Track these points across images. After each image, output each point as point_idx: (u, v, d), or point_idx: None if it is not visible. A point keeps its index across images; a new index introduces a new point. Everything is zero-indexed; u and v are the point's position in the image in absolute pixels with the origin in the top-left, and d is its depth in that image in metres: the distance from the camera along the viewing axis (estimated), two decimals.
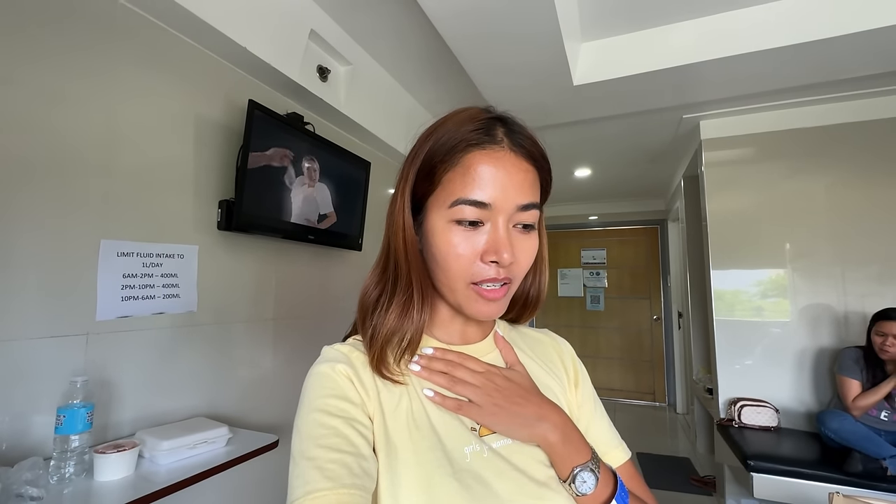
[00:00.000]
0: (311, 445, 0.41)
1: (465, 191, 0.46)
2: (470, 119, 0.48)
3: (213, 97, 1.51)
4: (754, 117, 2.48)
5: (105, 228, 1.17)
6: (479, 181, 0.46)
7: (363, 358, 0.49)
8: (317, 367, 0.48)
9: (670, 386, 4.64)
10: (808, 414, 2.28)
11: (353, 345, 0.51)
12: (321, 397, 0.45)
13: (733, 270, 2.50)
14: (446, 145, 0.47)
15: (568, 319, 5.17)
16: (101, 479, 0.93)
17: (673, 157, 3.32)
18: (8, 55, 1.00)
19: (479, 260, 0.47)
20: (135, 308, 1.22)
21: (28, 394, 1.00)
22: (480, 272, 0.47)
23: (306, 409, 0.45)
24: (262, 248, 1.69)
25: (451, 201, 0.46)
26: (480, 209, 0.46)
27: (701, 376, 3.15)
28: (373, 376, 0.48)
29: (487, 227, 0.47)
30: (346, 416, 0.44)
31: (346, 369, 0.47)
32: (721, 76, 2.01)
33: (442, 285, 0.50)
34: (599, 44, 2.00)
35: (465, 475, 0.43)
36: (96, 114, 1.17)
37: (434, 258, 0.49)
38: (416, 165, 0.49)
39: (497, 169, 0.46)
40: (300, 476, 0.40)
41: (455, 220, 0.46)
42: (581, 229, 5.22)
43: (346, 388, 0.46)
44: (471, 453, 0.46)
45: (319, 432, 0.42)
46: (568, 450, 0.47)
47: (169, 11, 1.28)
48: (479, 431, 0.48)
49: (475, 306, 0.48)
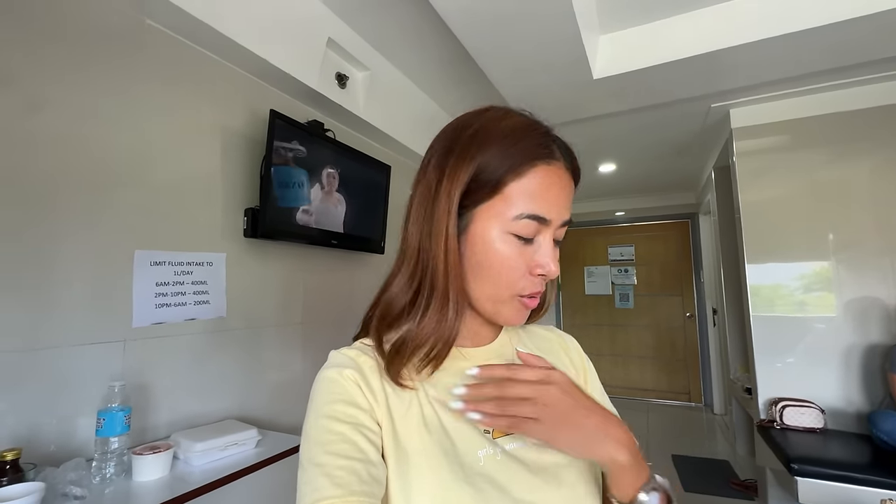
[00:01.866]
0: (319, 452, 0.41)
1: (533, 206, 0.46)
2: (528, 130, 0.48)
3: (237, 108, 1.56)
4: (788, 103, 2.36)
5: (138, 239, 1.23)
6: (546, 197, 0.46)
7: (371, 362, 0.48)
8: (324, 372, 0.47)
9: (706, 385, 4.47)
10: (858, 415, 2.14)
11: (361, 349, 0.50)
12: (329, 403, 0.44)
13: (771, 264, 2.39)
14: (513, 155, 0.46)
15: (596, 318, 5.06)
16: (139, 479, 0.97)
17: (702, 149, 3.20)
18: (47, 77, 1.07)
19: (528, 273, 0.47)
20: (168, 315, 1.27)
21: (72, 398, 1.06)
22: (528, 286, 0.47)
23: (314, 415, 0.44)
24: (288, 253, 1.73)
25: (516, 214, 0.45)
26: (540, 224, 0.46)
27: (739, 375, 3.02)
28: (381, 381, 0.47)
29: (538, 240, 0.47)
30: (355, 422, 0.43)
31: (355, 374, 0.46)
32: (751, 62, 1.92)
33: (483, 295, 0.48)
34: (619, 35, 1.95)
35: (479, 479, 0.43)
36: (127, 130, 1.23)
37: (481, 267, 0.47)
38: (469, 168, 0.46)
39: (555, 185, 0.47)
40: (309, 482, 0.39)
41: (513, 233, 0.46)
42: (607, 226, 5.10)
43: (354, 393, 0.45)
44: (484, 457, 0.45)
45: (328, 438, 0.42)
46: (636, 471, 0.42)
47: (193, 28, 1.34)
48: (492, 434, 0.47)
49: (513, 313, 0.49)
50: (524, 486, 0.44)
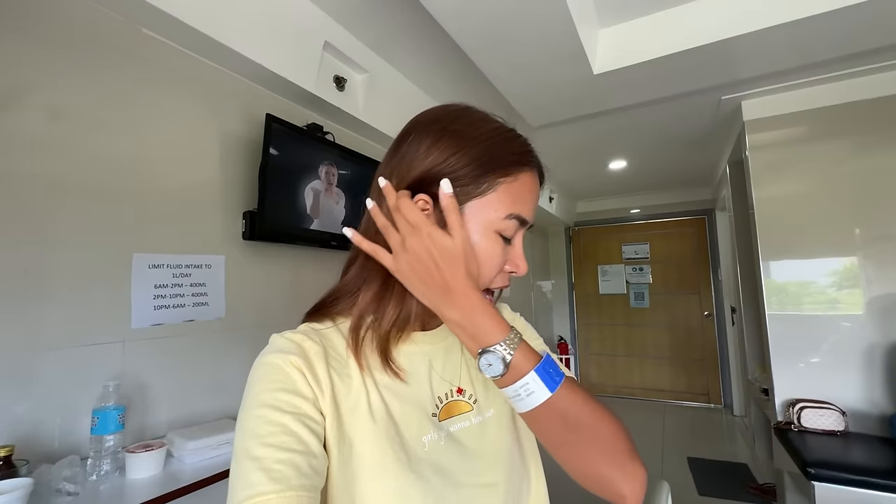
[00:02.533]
0: (255, 444, 0.39)
1: (521, 207, 0.48)
2: (513, 137, 0.50)
3: (235, 113, 1.59)
4: (803, 93, 2.27)
5: (137, 242, 1.26)
6: (528, 200, 0.49)
7: (317, 348, 0.46)
8: (265, 357, 0.45)
9: (726, 386, 4.34)
10: (882, 417, 2.04)
11: (306, 333, 0.48)
12: (269, 391, 0.42)
13: (787, 261, 2.30)
14: (507, 157, 0.48)
15: (611, 318, 4.98)
16: (133, 476, 1.00)
17: (715, 142, 3.11)
18: (51, 88, 1.11)
19: (501, 270, 0.49)
20: (167, 316, 1.31)
21: (74, 397, 1.10)
22: (499, 281, 0.50)
23: (252, 404, 0.42)
24: (287, 255, 1.75)
25: (506, 213, 0.47)
26: (520, 226, 0.49)
27: (757, 376, 2.92)
28: (327, 368, 0.45)
29: (514, 240, 0.50)
30: (297, 412, 0.41)
31: (299, 361, 0.44)
32: (761, 50, 1.85)
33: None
34: (620, 28, 1.91)
35: (423, 465, 0.44)
36: (125, 136, 1.26)
37: None
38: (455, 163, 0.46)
39: (535, 192, 0.51)
40: (243, 477, 0.37)
41: (499, 231, 0.47)
42: (621, 223, 5.01)
43: (297, 381, 0.43)
44: (429, 442, 0.46)
45: (267, 430, 0.39)
46: (475, 331, 0.43)
47: (189, 37, 1.36)
48: (438, 416, 0.48)
49: None
50: (467, 470, 0.46)
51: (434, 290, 0.44)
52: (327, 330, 0.50)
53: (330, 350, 0.48)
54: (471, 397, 0.51)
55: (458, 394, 0.51)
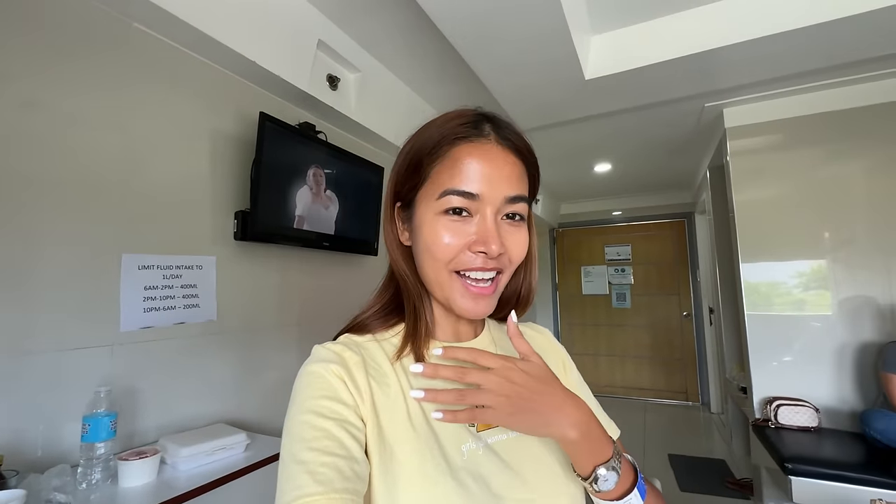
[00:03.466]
0: (301, 448, 0.40)
1: (452, 181, 0.47)
2: (458, 116, 0.50)
3: (227, 111, 1.55)
4: (782, 102, 2.36)
5: (126, 243, 1.22)
6: (467, 172, 0.46)
7: (356, 358, 0.48)
8: (308, 367, 0.47)
9: (703, 384, 4.47)
10: (852, 413, 2.14)
11: (346, 344, 0.50)
12: (313, 398, 0.44)
13: (765, 263, 2.39)
14: (433, 139, 0.48)
15: (594, 318, 5.06)
16: (126, 485, 0.97)
17: (697, 148, 3.20)
18: (30, 79, 1.06)
19: (467, 250, 0.47)
20: (157, 319, 1.27)
21: (59, 403, 1.05)
22: (467, 261, 0.47)
23: (297, 410, 0.44)
24: (279, 256, 1.73)
25: (439, 193, 0.47)
26: (468, 200, 0.46)
27: (734, 374, 3.02)
28: (366, 377, 0.47)
29: (476, 218, 0.47)
30: (339, 419, 0.43)
31: (339, 370, 0.46)
32: (742, 61, 1.92)
33: (430, 280, 0.50)
34: (611, 35, 1.95)
35: (462, 474, 0.44)
36: (115, 132, 1.22)
37: (422, 250, 0.49)
38: (402, 164, 0.51)
39: (484, 161, 0.47)
40: (290, 479, 0.39)
41: (443, 211, 0.47)
42: (604, 225, 5.10)
43: (338, 389, 0.45)
44: (468, 451, 0.46)
45: (311, 434, 0.41)
46: (590, 447, 0.44)
47: (181, 32, 1.33)
48: (476, 428, 0.49)
49: (462, 302, 0.48)
50: (506, 481, 0.45)
51: (548, 416, 0.43)
52: (366, 342, 0.52)
53: (369, 360, 0.49)
54: None
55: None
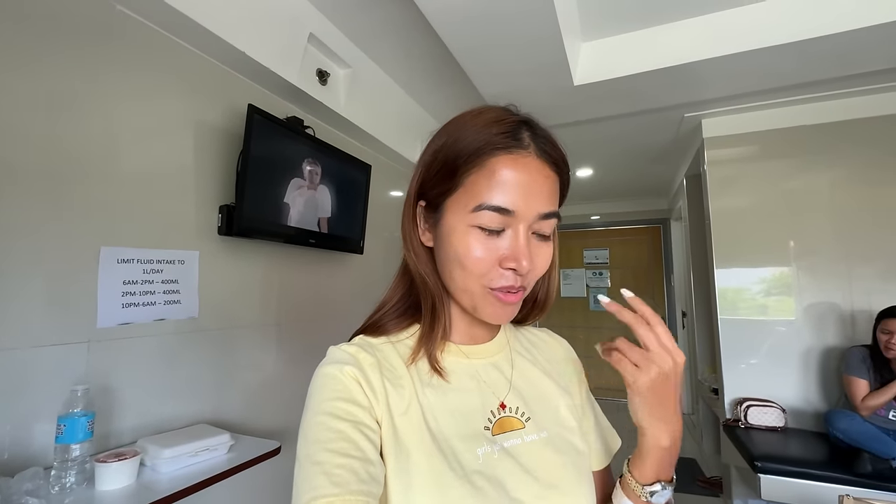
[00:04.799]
0: (317, 449, 0.40)
1: (489, 196, 0.44)
2: (495, 121, 0.46)
3: (213, 102, 1.51)
4: (757, 115, 2.46)
5: (105, 235, 1.17)
6: (504, 187, 0.44)
7: (371, 359, 0.48)
8: (324, 368, 0.47)
9: None
10: (816, 414, 2.25)
11: (360, 345, 0.50)
12: (328, 400, 0.44)
13: (737, 269, 2.49)
14: (471, 145, 0.45)
15: (571, 320, 5.15)
16: (103, 488, 0.92)
17: (675, 156, 3.30)
18: (6, 62, 1.00)
19: (497, 265, 0.46)
20: (136, 315, 1.22)
21: (30, 403, 1.00)
22: (498, 279, 0.46)
23: (313, 412, 0.43)
24: (264, 252, 1.68)
25: (474, 205, 0.45)
26: (504, 216, 0.44)
27: (706, 376, 3.13)
28: (381, 378, 0.47)
29: (508, 233, 0.46)
30: (354, 420, 0.43)
31: (354, 371, 0.46)
32: (722, 74, 1.99)
33: (457, 287, 0.49)
34: (600, 43, 1.99)
35: (478, 477, 0.43)
36: (94, 120, 1.17)
37: (450, 258, 0.47)
38: (433, 164, 0.48)
39: (522, 175, 0.45)
40: (306, 481, 0.39)
41: (477, 225, 0.45)
42: (583, 229, 5.20)
43: (354, 390, 0.45)
44: (483, 454, 0.45)
45: (326, 436, 0.41)
46: (665, 460, 0.47)
47: (167, 17, 1.28)
48: (491, 430, 0.48)
49: (491, 309, 0.48)
50: (521, 485, 0.45)
51: (668, 412, 0.46)
52: (381, 344, 0.51)
53: (384, 361, 0.49)
54: (523, 415, 0.51)
55: (501, 409, 0.50)
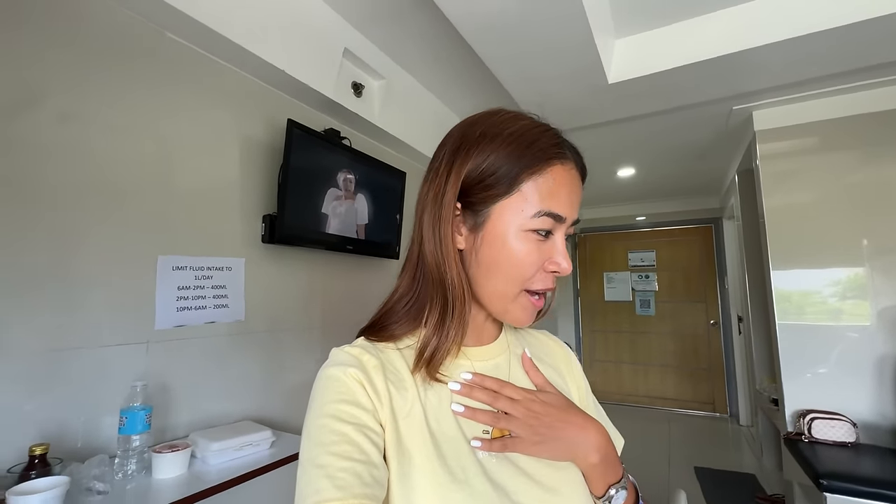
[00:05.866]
0: (321, 452, 0.40)
1: (551, 203, 0.47)
2: (546, 131, 0.49)
3: (256, 118, 1.61)
4: (815, 104, 2.28)
5: (161, 245, 1.28)
6: (561, 195, 0.48)
7: (375, 361, 0.48)
8: (327, 370, 0.47)
9: (732, 396, 4.33)
10: (893, 429, 2.04)
11: (364, 347, 0.49)
12: (332, 402, 0.44)
13: (798, 270, 2.30)
14: (533, 154, 0.47)
15: (616, 324, 4.97)
16: (159, 476, 1.01)
17: (725, 152, 3.12)
18: (71, 92, 1.13)
19: (541, 270, 0.48)
20: (189, 318, 1.32)
21: (98, 397, 1.11)
22: (540, 281, 0.49)
23: (316, 414, 0.44)
24: (305, 259, 1.77)
25: (535, 211, 0.46)
26: (557, 222, 0.48)
27: (765, 386, 2.92)
28: (385, 381, 0.46)
29: (553, 238, 0.49)
30: (358, 423, 0.43)
31: (358, 374, 0.46)
32: (774, 62, 1.87)
33: (492, 290, 0.49)
34: (635, 39, 1.93)
35: (480, 480, 0.44)
36: (150, 140, 1.29)
37: (496, 264, 0.48)
38: (486, 167, 0.47)
39: (572, 186, 0.49)
40: (310, 483, 0.39)
41: (532, 229, 0.47)
42: (627, 231, 5.01)
43: (357, 393, 0.45)
44: (483, 458, 0.46)
45: (330, 439, 0.41)
46: (605, 469, 0.49)
47: (211, 41, 1.39)
48: (491, 434, 0.48)
49: (521, 313, 0.50)
50: (520, 489, 0.45)
51: (572, 442, 0.48)
52: (385, 347, 0.51)
53: (388, 364, 0.49)
54: None
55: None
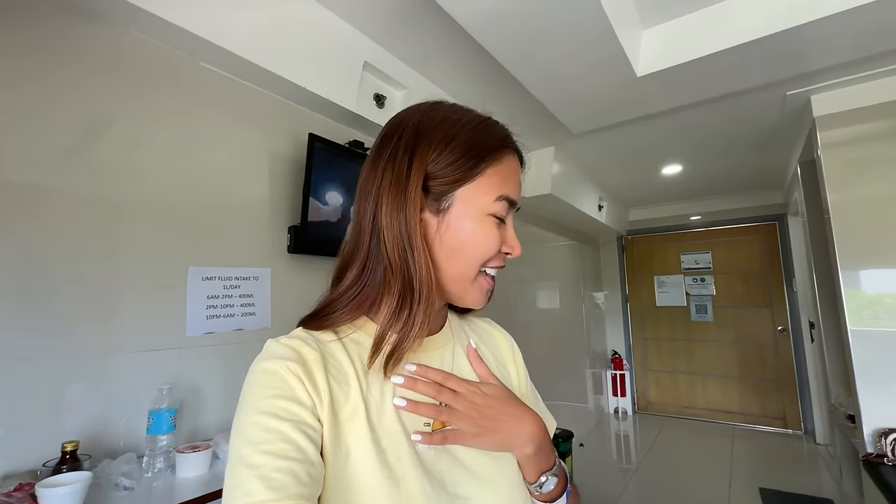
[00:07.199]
0: (252, 451, 0.38)
1: (507, 188, 0.51)
2: (494, 123, 0.53)
3: (282, 134, 1.69)
4: (882, 83, 2.03)
5: (191, 256, 1.37)
6: (515, 181, 0.52)
7: (315, 354, 0.45)
8: (262, 364, 0.44)
9: (806, 410, 3.90)
10: None
11: (303, 339, 0.46)
12: (267, 398, 0.41)
13: (872, 270, 2.05)
14: (493, 141, 0.51)
15: (670, 332, 4.67)
16: (182, 475, 1.07)
17: (782, 142, 2.86)
18: (122, 119, 1.24)
19: (497, 252, 0.51)
20: (218, 325, 1.40)
21: (133, 398, 1.19)
22: (496, 260, 0.52)
23: (249, 411, 0.41)
24: (326, 267, 1.80)
25: (496, 195, 0.49)
26: (510, 206, 0.52)
27: (841, 400, 2.60)
28: (325, 375, 0.44)
29: (507, 221, 0.52)
30: (295, 420, 0.41)
31: (297, 367, 0.43)
32: (832, 38, 1.66)
33: (453, 274, 0.50)
34: (665, 27, 1.82)
35: (419, 473, 0.44)
36: (183, 160, 1.39)
37: (460, 247, 0.49)
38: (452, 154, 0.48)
39: (518, 174, 0.54)
40: (240, 486, 0.37)
41: (493, 213, 0.49)
42: (678, 231, 4.72)
43: (296, 388, 0.42)
44: (422, 451, 0.47)
45: (264, 437, 0.39)
46: (539, 459, 0.51)
47: (240, 66, 1.48)
48: (431, 426, 0.49)
49: (478, 295, 0.52)
50: (457, 480, 0.47)
51: (509, 434, 0.49)
52: (325, 337, 0.49)
53: (328, 357, 0.47)
54: None
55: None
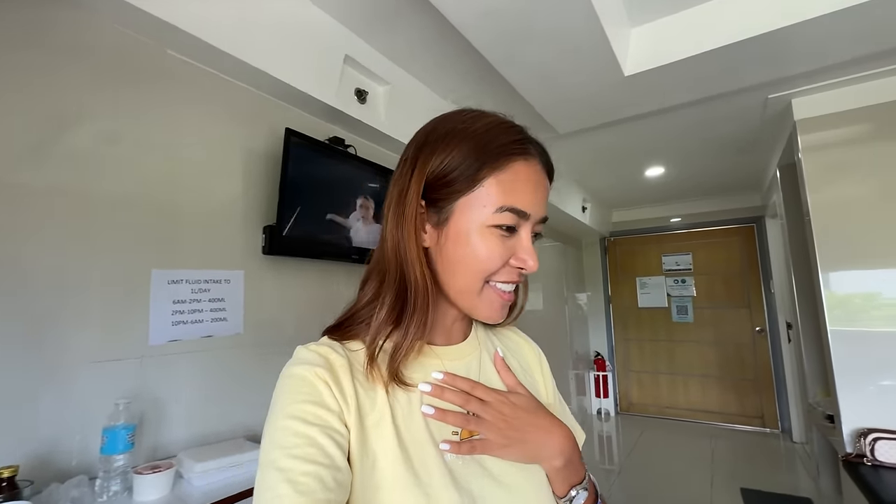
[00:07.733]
0: (282, 455, 0.39)
1: (512, 198, 0.47)
2: (509, 128, 0.50)
3: (258, 129, 1.60)
4: (863, 87, 2.06)
5: (156, 258, 1.27)
6: (524, 191, 0.48)
7: (342, 361, 0.46)
8: (292, 369, 0.45)
9: (783, 409, 3.98)
10: None
11: (331, 346, 0.48)
12: (296, 403, 0.42)
13: (851, 271, 2.07)
14: (493, 149, 0.47)
15: (652, 333, 4.71)
16: (140, 498, 0.97)
17: (763, 145, 2.89)
18: (79, 104, 1.14)
19: (506, 265, 0.49)
20: (185, 332, 1.30)
21: (85, 415, 1.08)
22: (505, 273, 0.49)
23: (279, 415, 0.42)
24: (306, 269, 1.74)
25: (497, 206, 0.47)
26: (520, 218, 0.48)
27: (819, 399, 2.64)
28: (352, 381, 0.45)
29: (518, 233, 0.49)
30: (323, 425, 0.42)
31: (325, 374, 0.44)
32: (813, 42, 1.68)
33: (458, 287, 0.49)
34: (652, 26, 1.80)
35: (445, 482, 0.44)
36: (148, 154, 1.28)
37: (461, 259, 0.48)
38: (449, 163, 0.47)
39: (535, 182, 0.49)
40: (270, 488, 0.38)
41: (495, 225, 0.47)
42: (660, 233, 4.76)
43: (323, 394, 0.43)
44: (450, 460, 0.46)
45: (293, 441, 0.40)
46: (569, 472, 0.50)
47: (211, 56, 1.38)
48: (459, 434, 0.48)
49: (490, 311, 0.50)
50: (485, 491, 0.46)
51: (538, 446, 0.48)
52: (352, 345, 0.50)
53: (355, 363, 0.47)
54: None
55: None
